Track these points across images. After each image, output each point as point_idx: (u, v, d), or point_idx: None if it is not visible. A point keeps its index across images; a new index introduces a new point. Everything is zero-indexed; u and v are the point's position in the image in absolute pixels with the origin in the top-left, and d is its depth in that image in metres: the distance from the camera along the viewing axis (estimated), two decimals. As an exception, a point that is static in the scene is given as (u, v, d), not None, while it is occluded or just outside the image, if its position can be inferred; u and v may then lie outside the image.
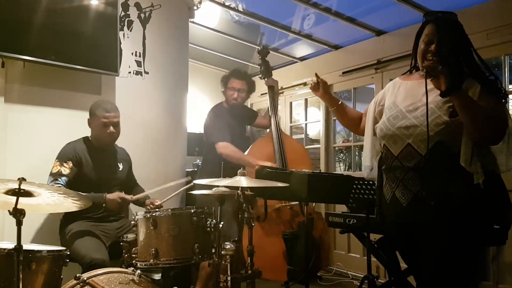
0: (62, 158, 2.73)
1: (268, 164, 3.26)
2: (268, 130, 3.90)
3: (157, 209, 2.21)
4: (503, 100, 1.80)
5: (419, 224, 1.84)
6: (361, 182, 2.99)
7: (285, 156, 3.58)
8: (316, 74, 2.23)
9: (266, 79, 3.89)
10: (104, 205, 2.65)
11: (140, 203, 2.92)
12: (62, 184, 2.63)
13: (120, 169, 2.95)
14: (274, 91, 3.86)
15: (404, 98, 1.93)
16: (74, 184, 2.67)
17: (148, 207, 2.85)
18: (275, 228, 3.31)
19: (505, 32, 3.28)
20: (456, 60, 1.81)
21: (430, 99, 1.78)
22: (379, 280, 3.37)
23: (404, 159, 1.86)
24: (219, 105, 3.79)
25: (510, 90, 3.93)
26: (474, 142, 1.73)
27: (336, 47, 4.72)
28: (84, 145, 2.84)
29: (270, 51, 5.11)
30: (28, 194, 1.84)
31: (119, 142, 3.00)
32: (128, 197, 2.76)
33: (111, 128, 2.81)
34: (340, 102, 2.24)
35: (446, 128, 1.75)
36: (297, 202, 3.36)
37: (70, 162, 2.72)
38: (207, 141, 3.64)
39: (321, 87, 2.21)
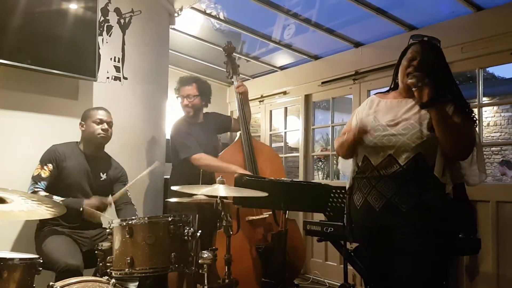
0: (43, 160, 2.72)
1: (247, 172, 3.22)
2: (237, 135, 3.68)
3: (133, 217, 2.17)
4: (473, 122, 1.94)
5: (391, 228, 1.93)
6: (338, 191, 3.02)
7: (256, 163, 3.43)
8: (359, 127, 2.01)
9: (234, 81, 3.67)
10: (81, 209, 2.61)
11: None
12: (41, 188, 2.62)
13: (102, 178, 2.89)
14: (243, 95, 3.64)
15: (384, 114, 2.02)
16: (54, 186, 2.67)
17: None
18: (248, 241, 3.20)
19: (479, 46, 3.36)
20: (435, 80, 1.87)
21: (409, 115, 1.93)
22: (355, 289, 3.40)
23: (382, 168, 1.95)
24: (179, 120, 3.61)
25: (484, 102, 4.05)
26: (445, 156, 1.87)
27: (316, 57, 4.77)
28: (69, 148, 2.82)
29: (251, 60, 5.17)
30: (1, 200, 1.79)
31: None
32: (107, 199, 2.75)
33: (105, 125, 2.82)
34: None
35: (425, 141, 1.87)
36: (270, 214, 3.32)
37: (50, 164, 2.71)
38: (178, 158, 3.42)
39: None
